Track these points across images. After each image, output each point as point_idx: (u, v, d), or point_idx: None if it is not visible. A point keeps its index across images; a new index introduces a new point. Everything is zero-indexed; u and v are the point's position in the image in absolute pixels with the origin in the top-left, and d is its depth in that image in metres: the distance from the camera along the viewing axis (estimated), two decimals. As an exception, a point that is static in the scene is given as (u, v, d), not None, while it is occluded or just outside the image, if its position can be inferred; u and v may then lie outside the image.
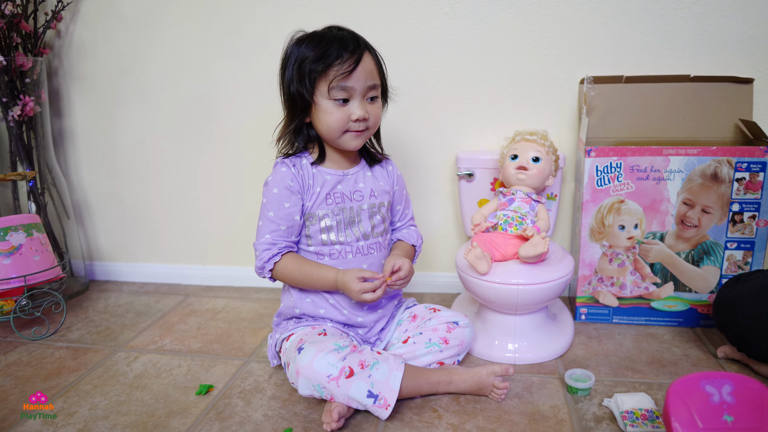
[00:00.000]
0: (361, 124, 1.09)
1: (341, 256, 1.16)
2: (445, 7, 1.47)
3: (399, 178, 1.26)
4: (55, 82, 1.72)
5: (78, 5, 1.64)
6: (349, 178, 1.17)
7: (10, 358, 1.34)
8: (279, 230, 1.12)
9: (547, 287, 1.19)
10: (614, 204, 1.33)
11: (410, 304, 1.29)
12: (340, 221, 1.15)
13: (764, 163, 1.25)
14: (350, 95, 1.07)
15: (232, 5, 1.56)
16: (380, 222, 1.20)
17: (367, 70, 1.07)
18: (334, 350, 1.02)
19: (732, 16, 1.36)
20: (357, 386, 1.00)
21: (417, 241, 1.28)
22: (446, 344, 1.16)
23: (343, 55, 1.04)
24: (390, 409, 1.01)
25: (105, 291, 1.78)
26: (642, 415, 0.99)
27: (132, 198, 1.80)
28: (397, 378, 1.03)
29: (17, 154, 1.62)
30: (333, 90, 1.06)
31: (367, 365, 1.02)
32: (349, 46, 1.06)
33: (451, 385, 1.10)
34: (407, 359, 1.13)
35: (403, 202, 1.28)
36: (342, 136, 1.10)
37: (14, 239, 1.43)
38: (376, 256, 1.19)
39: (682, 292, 1.36)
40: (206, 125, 1.67)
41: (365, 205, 1.18)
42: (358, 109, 1.07)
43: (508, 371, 1.08)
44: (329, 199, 1.15)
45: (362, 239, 1.17)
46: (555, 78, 1.47)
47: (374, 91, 1.10)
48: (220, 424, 1.05)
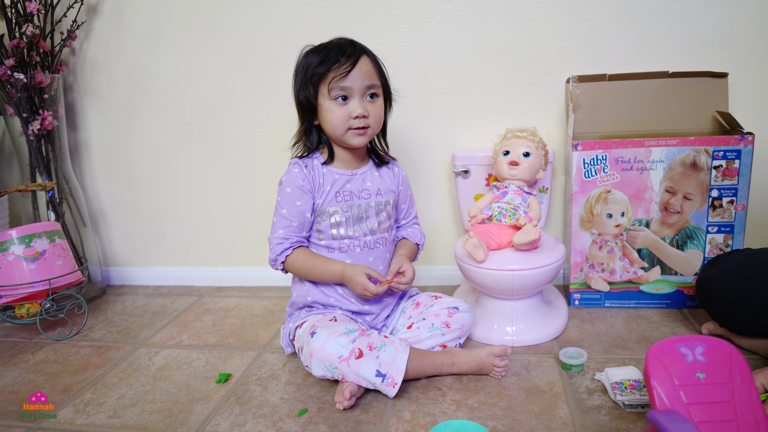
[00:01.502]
0: (361, 121, 1.17)
1: (350, 250, 1.25)
2: (438, 15, 1.56)
3: (404, 179, 1.35)
4: (70, 97, 1.82)
5: (91, 23, 1.73)
6: (358, 178, 1.26)
7: (38, 357, 1.43)
8: (291, 226, 1.22)
9: (540, 272, 1.27)
10: (601, 194, 1.42)
11: (413, 293, 1.38)
12: (349, 217, 1.24)
13: (739, 151, 1.33)
14: (349, 94, 1.17)
15: (239, 19, 1.66)
16: (386, 219, 1.29)
17: (363, 71, 1.16)
18: (345, 333, 1.11)
19: (706, 15, 1.45)
20: (366, 366, 1.08)
21: (420, 239, 1.37)
22: (447, 328, 1.24)
23: (340, 59, 1.15)
24: (397, 388, 1.09)
25: (122, 294, 1.87)
26: (630, 385, 1.07)
27: (145, 205, 1.89)
28: (403, 359, 1.11)
29: (37, 166, 1.71)
30: (333, 90, 1.16)
31: (375, 347, 1.11)
32: (347, 50, 1.16)
33: (453, 366, 1.19)
34: (412, 343, 1.20)
35: (408, 201, 1.37)
36: (345, 133, 1.19)
37: (38, 245, 1.51)
38: (381, 250, 1.28)
39: (669, 275, 1.45)
40: (215, 134, 1.76)
41: (372, 203, 1.27)
42: (358, 107, 1.16)
43: (506, 351, 1.17)
44: (339, 197, 1.24)
45: (369, 234, 1.26)
46: (542, 78, 1.56)
47: (373, 90, 1.19)
48: (240, 407, 1.14)
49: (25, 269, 1.49)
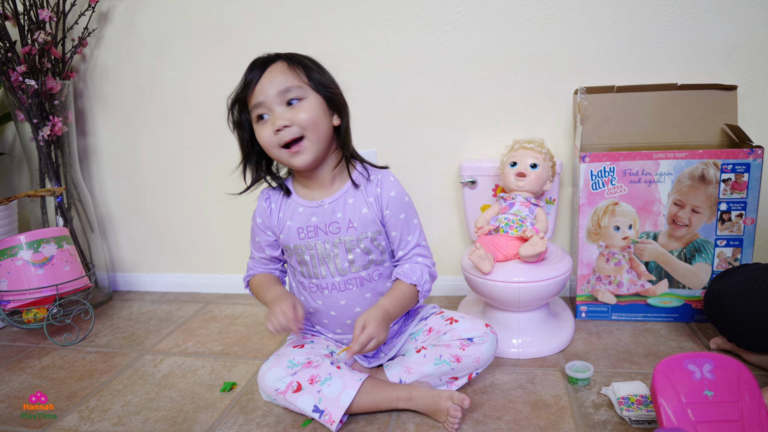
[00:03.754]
0: (284, 134, 1.02)
1: (318, 291, 1.15)
2: (447, 25, 1.56)
3: (392, 200, 1.11)
4: (80, 103, 1.83)
5: (102, 31, 1.75)
6: (326, 209, 1.11)
7: (45, 362, 1.43)
8: (255, 257, 1.22)
9: (546, 284, 1.27)
10: (609, 206, 1.41)
11: (426, 314, 1.22)
12: (313, 256, 1.12)
13: (748, 164, 1.33)
14: (267, 108, 1.03)
15: (246, 27, 1.67)
16: (362, 255, 1.12)
17: (273, 79, 1.03)
18: (287, 366, 1.08)
19: (715, 28, 1.45)
20: (304, 400, 1.05)
21: (419, 278, 1.11)
22: (458, 362, 1.11)
23: (248, 77, 1.05)
24: (335, 425, 1.03)
25: (128, 300, 1.87)
26: (637, 400, 1.06)
27: (152, 211, 1.90)
28: (349, 395, 1.04)
29: (46, 172, 1.72)
30: (252, 111, 1.05)
31: (318, 380, 1.05)
32: (255, 66, 1.05)
33: (410, 402, 1.09)
34: (414, 369, 1.13)
35: (400, 227, 1.13)
36: (281, 154, 1.05)
37: (46, 251, 1.52)
38: (356, 291, 1.14)
39: (677, 289, 1.44)
40: (222, 141, 1.77)
41: (343, 238, 1.11)
42: (277, 118, 1.02)
43: (464, 402, 1.04)
44: (301, 234, 1.12)
45: (338, 275, 1.13)
46: (550, 89, 1.56)
47: (291, 94, 1.03)
48: (245, 416, 1.13)
49: (33, 274, 1.50)
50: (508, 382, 1.21)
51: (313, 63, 1.09)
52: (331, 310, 1.17)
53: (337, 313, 1.17)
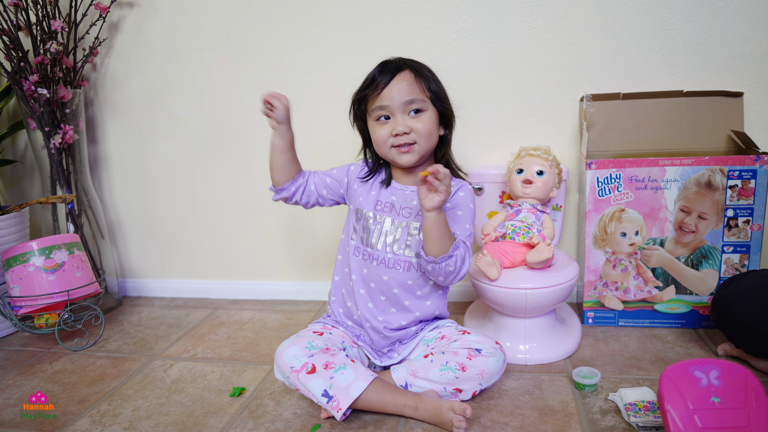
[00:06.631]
0: (403, 138, 1.15)
1: (369, 259, 1.23)
2: (453, 33, 1.58)
3: (460, 199, 1.21)
4: (90, 112, 1.86)
5: (113, 40, 1.77)
6: (407, 194, 1.22)
7: (56, 367, 1.45)
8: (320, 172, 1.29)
9: (553, 291, 1.27)
10: (615, 213, 1.42)
11: (443, 324, 1.26)
12: (379, 229, 1.22)
13: (755, 171, 1.33)
14: (390, 112, 1.15)
15: (255, 36, 1.69)
16: (418, 242, 1.19)
17: (401, 87, 1.14)
18: (305, 347, 1.13)
19: (721, 35, 1.46)
20: (315, 383, 1.08)
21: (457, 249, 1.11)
22: (463, 371, 1.12)
23: (376, 79, 1.16)
24: (341, 413, 1.05)
25: (138, 306, 1.89)
26: (644, 407, 1.07)
27: (162, 218, 1.92)
28: (360, 387, 1.07)
29: (57, 179, 1.74)
30: (373, 111, 1.17)
31: (333, 367, 1.09)
32: (384, 69, 1.16)
33: (416, 411, 1.10)
34: (419, 373, 1.14)
35: (452, 220, 1.18)
36: (390, 152, 1.18)
37: (58, 257, 1.54)
38: (401, 273, 1.21)
39: (684, 295, 1.44)
40: (231, 149, 1.79)
41: (408, 223, 1.21)
42: (398, 125, 1.14)
43: (466, 412, 1.05)
44: (378, 206, 1.23)
45: (391, 252, 1.21)
46: (556, 97, 1.57)
47: (414, 105, 1.15)
48: (254, 422, 1.14)
49: (45, 280, 1.52)
50: (516, 387, 1.22)
51: (431, 75, 1.20)
52: (372, 281, 1.23)
53: (376, 285, 1.23)
